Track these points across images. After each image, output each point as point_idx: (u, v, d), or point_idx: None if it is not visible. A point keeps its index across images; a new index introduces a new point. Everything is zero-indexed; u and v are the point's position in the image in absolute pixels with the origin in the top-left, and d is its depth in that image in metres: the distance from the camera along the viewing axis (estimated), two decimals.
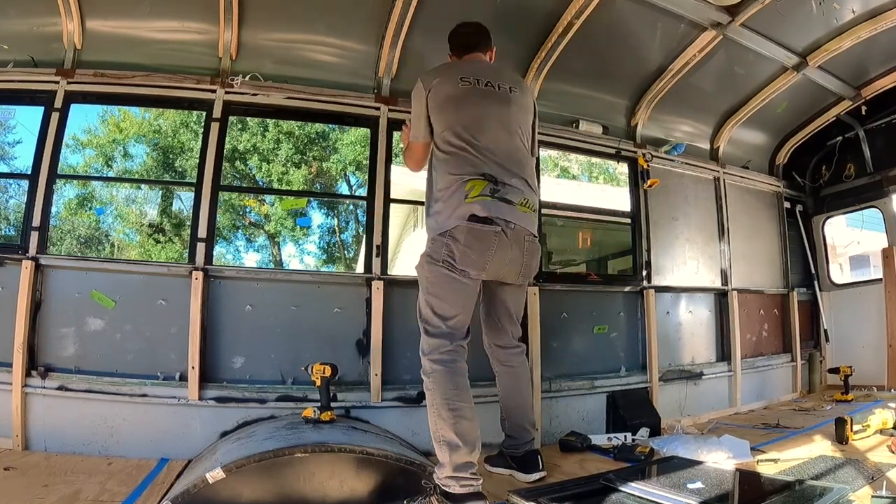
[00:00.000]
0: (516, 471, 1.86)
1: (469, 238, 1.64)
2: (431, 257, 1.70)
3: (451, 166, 1.71)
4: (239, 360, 2.19)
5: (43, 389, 1.99)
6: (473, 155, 1.70)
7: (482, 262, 1.67)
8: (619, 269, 4.50)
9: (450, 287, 1.67)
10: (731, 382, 3.13)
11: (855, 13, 2.63)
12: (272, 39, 2.39)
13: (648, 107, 3.02)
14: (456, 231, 1.65)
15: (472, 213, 1.64)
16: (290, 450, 1.54)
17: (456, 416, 1.54)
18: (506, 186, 1.69)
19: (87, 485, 1.66)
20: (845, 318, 3.67)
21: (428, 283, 1.70)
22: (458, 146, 1.72)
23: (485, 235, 1.65)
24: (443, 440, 1.54)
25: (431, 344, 1.66)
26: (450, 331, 1.66)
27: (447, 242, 1.66)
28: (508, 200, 1.69)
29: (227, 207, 9.38)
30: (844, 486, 1.50)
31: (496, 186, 1.68)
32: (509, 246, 1.70)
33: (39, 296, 2.06)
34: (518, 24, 2.51)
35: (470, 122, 1.73)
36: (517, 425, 1.91)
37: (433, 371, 1.62)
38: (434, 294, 1.69)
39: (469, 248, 1.64)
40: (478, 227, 1.64)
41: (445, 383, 1.59)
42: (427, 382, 1.63)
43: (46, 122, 2.14)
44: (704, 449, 1.99)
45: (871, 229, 3.95)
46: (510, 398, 1.93)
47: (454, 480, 1.50)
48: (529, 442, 1.89)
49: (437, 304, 1.68)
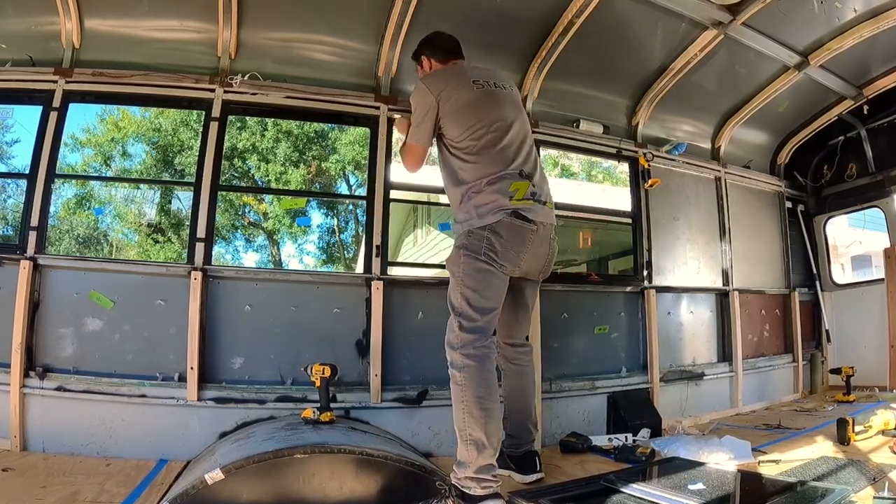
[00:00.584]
0: (514, 471, 1.86)
1: (511, 233, 1.68)
2: (469, 250, 1.69)
3: (484, 165, 1.74)
4: (238, 361, 2.18)
5: (41, 390, 1.99)
6: (504, 153, 1.76)
7: (518, 258, 1.71)
8: (619, 269, 4.50)
9: (488, 281, 1.67)
10: (732, 383, 3.12)
11: (857, 12, 2.62)
12: (271, 38, 2.39)
13: (649, 106, 3.01)
14: (498, 226, 1.67)
15: (517, 210, 1.69)
16: (289, 451, 1.53)
17: (487, 416, 1.54)
18: (537, 186, 1.77)
19: (86, 486, 1.66)
20: (847, 319, 3.66)
21: (464, 276, 1.68)
22: (487, 146, 1.75)
23: (524, 231, 1.70)
24: (470, 440, 1.53)
25: (465, 339, 1.62)
26: (485, 325, 1.66)
27: (488, 236, 1.67)
28: (542, 201, 1.77)
29: (227, 206, 9.37)
30: (846, 487, 1.50)
31: (534, 189, 1.75)
32: (540, 243, 1.76)
33: (37, 296, 2.06)
34: (518, 23, 2.50)
35: (494, 123, 1.78)
36: (520, 425, 1.90)
37: (465, 367, 1.59)
38: (471, 287, 1.67)
39: (510, 242, 1.68)
40: (519, 223, 1.69)
41: (478, 381, 1.57)
42: (458, 377, 1.60)
43: (45, 121, 2.13)
44: (706, 450, 1.99)
45: (873, 229, 3.94)
46: (515, 397, 1.93)
47: (475, 482, 1.49)
48: (530, 442, 1.89)
49: (475, 298, 1.65)
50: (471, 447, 1.53)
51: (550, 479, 1.85)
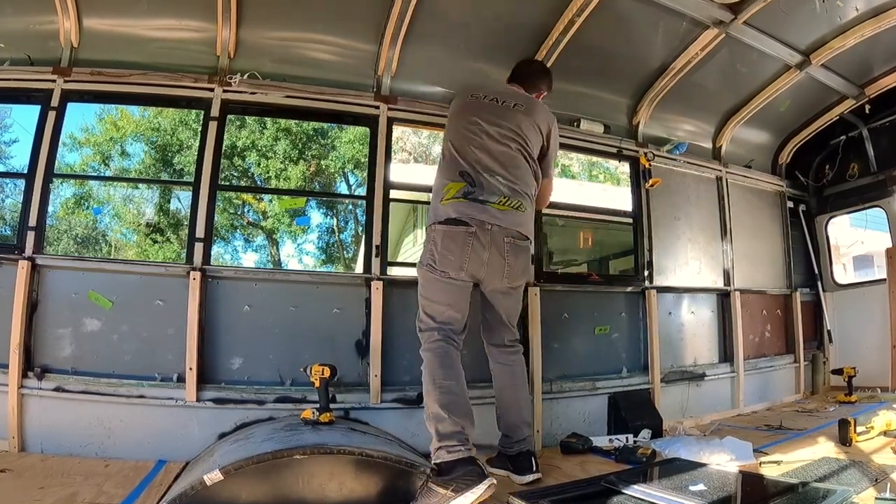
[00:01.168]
0: (512, 472, 1.86)
1: (445, 240, 1.75)
2: (420, 261, 1.84)
3: (440, 171, 1.88)
4: (237, 361, 2.18)
5: (39, 390, 1.98)
6: (459, 158, 1.83)
7: (459, 262, 1.75)
8: (620, 269, 4.48)
9: (436, 287, 1.79)
10: (733, 384, 3.11)
11: (858, 11, 2.61)
12: (271, 38, 2.38)
13: (650, 106, 3.00)
14: (434, 233, 1.78)
15: (447, 215, 1.76)
16: (288, 451, 1.53)
17: (441, 391, 1.63)
18: (481, 187, 1.78)
19: (84, 487, 1.65)
20: (849, 319, 3.65)
21: (420, 286, 1.85)
22: (451, 153, 1.86)
23: (457, 236, 1.74)
24: (431, 415, 1.61)
25: (422, 337, 1.79)
26: (438, 326, 1.76)
27: (430, 246, 1.79)
28: (481, 200, 1.77)
29: (226, 206, 9.35)
30: (848, 488, 1.50)
31: (471, 188, 1.77)
32: (485, 247, 1.75)
33: (36, 296, 2.05)
34: (518, 22, 2.49)
35: (464, 130, 1.88)
36: (511, 423, 1.91)
37: (424, 359, 1.73)
38: (423, 295, 1.82)
39: (446, 249, 1.74)
40: (451, 228, 1.74)
41: (433, 365, 1.70)
42: (423, 373, 1.72)
43: (43, 120, 2.13)
44: (707, 451, 1.98)
45: (875, 229, 3.93)
46: (505, 395, 1.94)
47: (443, 450, 1.53)
48: (523, 441, 1.88)
49: (426, 304, 1.81)
50: (431, 421, 1.61)
51: (551, 480, 1.85)
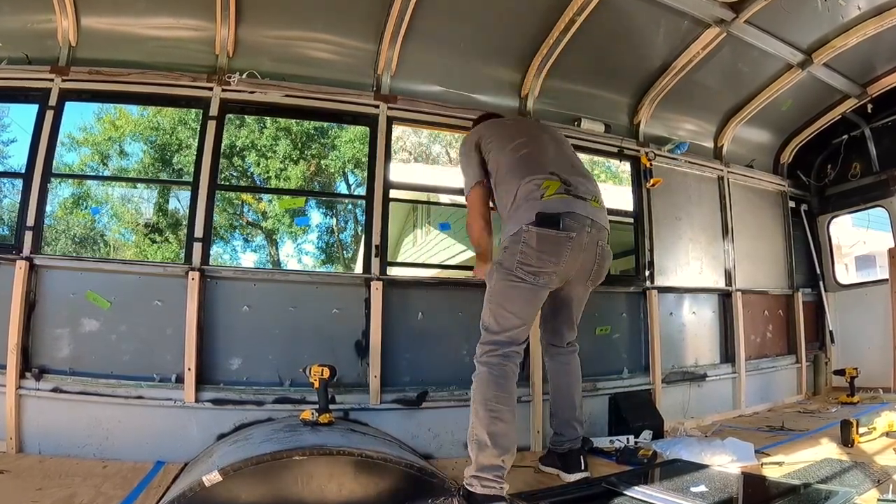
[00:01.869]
0: (560, 470, 1.88)
1: (541, 242, 1.65)
2: (502, 265, 1.70)
3: (515, 175, 1.76)
4: (236, 362, 2.17)
5: (37, 391, 1.97)
6: (535, 160, 1.78)
7: (555, 265, 1.67)
8: (621, 269, 4.47)
9: (519, 297, 1.68)
10: (735, 384, 3.09)
11: (861, 10, 2.61)
12: (270, 36, 2.37)
13: (651, 105, 2.99)
14: (528, 237, 1.65)
15: (545, 210, 1.65)
16: (287, 453, 1.52)
17: (492, 417, 1.57)
18: (575, 185, 1.74)
19: (82, 488, 1.64)
20: (851, 319, 3.63)
21: (495, 292, 1.71)
22: (517, 157, 1.80)
23: (557, 239, 1.66)
24: (474, 438, 1.58)
25: (483, 349, 1.69)
26: (505, 339, 1.68)
27: (521, 249, 1.66)
28: (582, 196, 1.72)
29: (225, 205, 9.34)
30: (850, 489, 1.49)
31: (568, 186, 1.71)
32: (582, 249, 1.70)
33: (34, 296, 2.04)
34: (519, 21, 2.49)
35: (524, 139, 1.86)
36: (564, 422, 1.93)
37: (479, 373, 1.66)
38: (500, 304, 1.70)
39: (541, 251, 1.65)
40: (549, 232, 1.64)
41: (488, 384, 1.62)
42: (473, 385, 1.66)
43: (41, 120, 2.12)
44: (708, 452, 1.97)
45: (878, 229, 3.92)
46: (560, 395, 1.95)
47: (477, 480, 1.53)
48: (574, 440, 1.90)
49: (501, 314, 1.69)
50: (473, 446, 1.58)
51: (551, 482, 1.85)
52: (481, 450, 1.54)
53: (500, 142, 1.87)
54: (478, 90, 2.67)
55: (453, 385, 2.28)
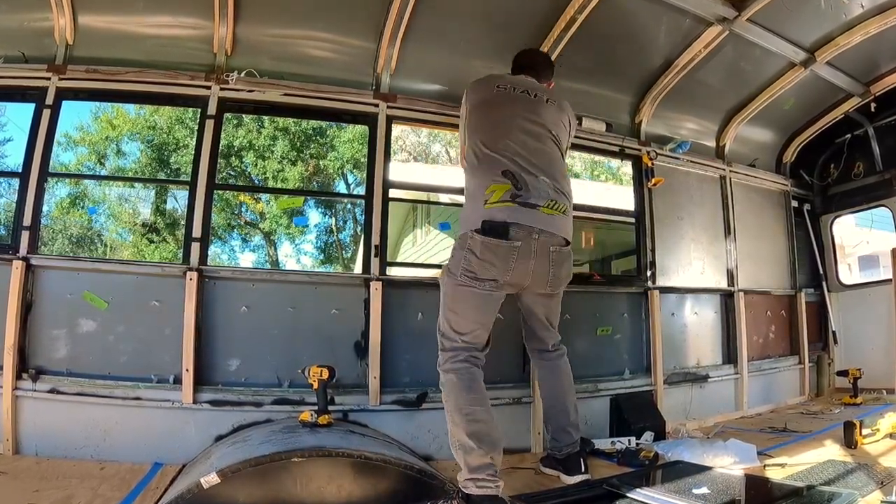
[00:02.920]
0: (562, 472, 1.87)
1: (484, 251, 1.63)
2: (451, 271, 1.70)
3: (476, 172, 1.73)
4: (234, 363, 2.15)
5: (34, 392, 1.96)
6: (497, 153, 1.71)
7: (501, 272, 1.65)
8: (622, 269, 4.46)
9: (469, 300, 1.67)
10: (737, 385, 3.08)
11: (864, 8, 2.59)
12: (268, 35, 2.35)
13: (653, 104, 2.97)
14: (471, 242, 1.65)
15: (490, 218, 1.63)
16: (286, 454, 1.51)
17: (468, 419, 1.57)
18: (528, 189, 1.67)
19: (80, 490, 1.64)
20: (854, 320, 3.61)
21: (446, 298, 1.72)
22: (484, 152, 1.73)
23: (501, 249, 1.63)
24: (458, 444, 1.58)
25: (444, 356, 1.69)
26: (463, 345, 1.67)
27: (465, 255, 1.66)
28: (531, 204, 1.66)
29: (223, 205, 9.32)
30: (853, 491, 1.48)
31: (517, 191, 1.65)
32: (531, 257, 1.67)
33: (30, 297, 2.03)
34: (519, 20, 2.47)
35: (497, 123, 1.77)
36: (559, 428, 1.91)
37: (447, 381, 1.65)
38: (452, 309, 1.70)
39: (485, 260, 1.63)
40: (493, 241, 1.62)
41: (457, 390, 1.62)
42: (443, 393, 1.66)
43: (37, 119, 2.10)
44: (710, 453, 1.96)
45: (881, 229, 3.90)
46: (551, 402, 1.94)
47: (471, 482, 1.53)
48: (571, 445, 1.89)
49: (454, 319, 1.69)
50: (458, 451, 1.58)
51: (551, 483, 1.84)
52: (468, 453, 1.54)
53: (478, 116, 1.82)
54: None
55: None
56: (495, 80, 1.89)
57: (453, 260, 1.70)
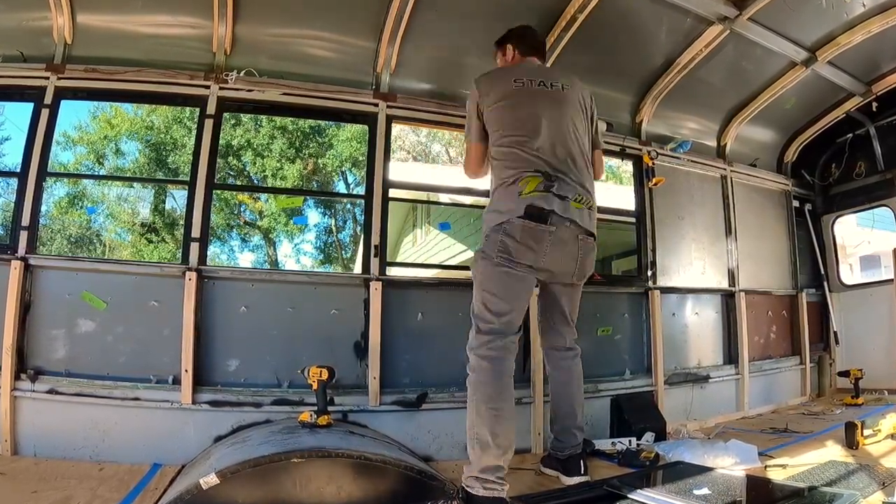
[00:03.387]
0: (561, 473, 1.86)
1: (524, 234, 1.65)
2: (485, 253, 1.71)
3: (506, 164, 1.75)
4: (234, 363, 2.15)
5: (32, 393, 1.95)
6: (526, 153, 1.73)
7: (536, 257, 1.68)
8: (623, 269, 4.44)
9: (504, 282, 1.68)
10: (738, 386, 3.07)
11: (865, 7, 2.59)
12: (268, 34, 2.35)
13: (654, 103, 2.97)
14: (510, 227, 1.66)
15: (528, 204, 1.65)
16: (286, 455, 1.51)
17: (494, 415, 1.54)
18: (559, 182, 1.71)
19: (78, 491, 1.63)
20: (855, 320, 3.60)
21: (482, 279, 1.71)
22: (511, 144, 1.75)
23: (539, 233, 1.66)
24: (476, 438, 1.54)
25: (480, 340, 1.64)
26: (501, 327, 1.66)
27: (501, 238, 1.67)
28: (562, 196, 1.69)
29: (222, 205, 9.30)
30: (855, 492, 1.48)
31: (549, 182, 1.69)
32: (563, 243, 1.71)
33: (29, 297, 2.02)
34: (520, 18, 2.45)
35: (522, 122, 1.77)
36: (565, 429, 1.90)
37: (479, 367, 1.61)
38: (488, 290, 1.69)
39: (523, 243, 1.65)
40: (532, 224, 1.65)
41: (489, 381, 1.59)
42: (471, 377, 1.62)
43: (36, 118, 2.10)
44: (711, 454, 1.95)
45: (882, 229, 3.89)
46: (560, 402, 1.93)
47: (478, 482, 1.50)
48: (574, 446, 1.88)
49: (491, 300, 1.67)
50: (475, 446, 1.54)
51: (551, 484, 1.83)
52: (483, 450, 1.51)
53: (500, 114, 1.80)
54: None
55: (453, 386, 2.25)
56: (510, 74, 1.85)
57: (488, 243, 1.71)
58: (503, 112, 1.79)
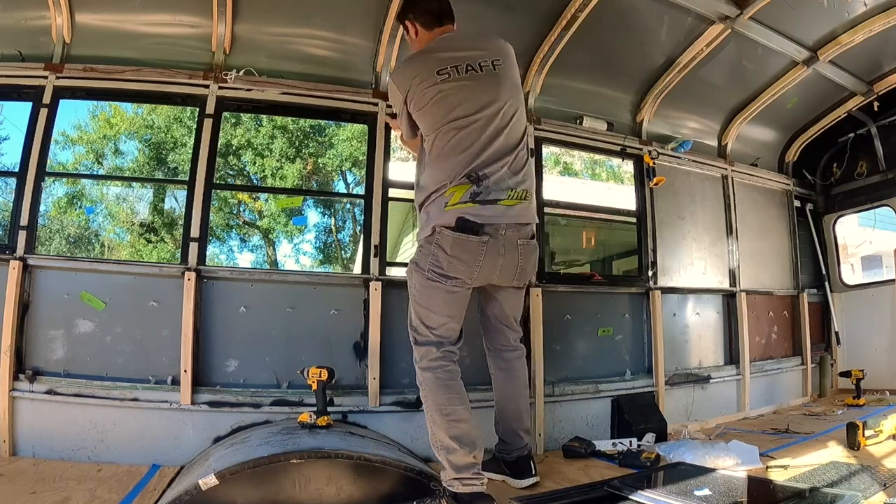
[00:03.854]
0: (509, 476, 1.82)
1: (455, 247, 1.59)
2: (418, 265, 1.67)
3: (435, 169, 1.65)
4: (233, 364, 2.14)
5: (31, 393, 1.94)
6: (454, 156, 1.62)
7: (470, 269, 1.62)
8: (624, 269, 4.43)
9: (437, 296, 1.65)
10: (739, 386, 3.06)
11: (867, 6, 2.58)
12: (267, 33, 2.34)
13: (654, 102, 2.96)
14: (441, 239, 1.60)
15: (458, 217, 1.57)
16: (285, 456, 1.51)
17: (449, 420, 1.56)
18: (488, 181, 1.59)
19: (77, 492, 1.62)
20: (857, 320, 3.60)
21: (416, 292, 1.69)
22: (441, 147, 1.64)
23: (471, 245, 1.59)
24: (439, 445, 1.57)
25: (420, 352, 1.67)
26: (437, 339, 1.65)
27: (433, 251, 1.62)
28: (491, 200, 1.59)
29: (221, 205, 9.28)
30: (857, 493, 1.47)
31: (477, 188, 1.58)
32: (500, 253, 1.63)
33: (27, 297, 2.01)
34: (520, 17, 2.45)
35: (451, 119, 1.62)
36: (510, 431, 1.86)
37: (424, 379, 1.63)
38: (421, 303, 1.68)
39: (455, 256, 1.59)
40: (463, 237, 1.58)
41: (436, 389, 1.60)
42: (421, 391, 1.64)
43: (34, 118, 2.09)
44: (712, 455, 1.94)
45: (884, 228, 3.88)
46: (505, 403, 1.88)
47: (457, 481, 1.53)
48: (521, 448, 1.84)
49: (424, 314, 1.67)
50: (441, 452, 1.56)
51: (553, 485, 1.82)
52: (451, 453, 1.54)
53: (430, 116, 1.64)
54: None
55: None
56: (430, 64, 1.63)
57: (421, 254, 1.66)
58: (433, 111, 1.63)
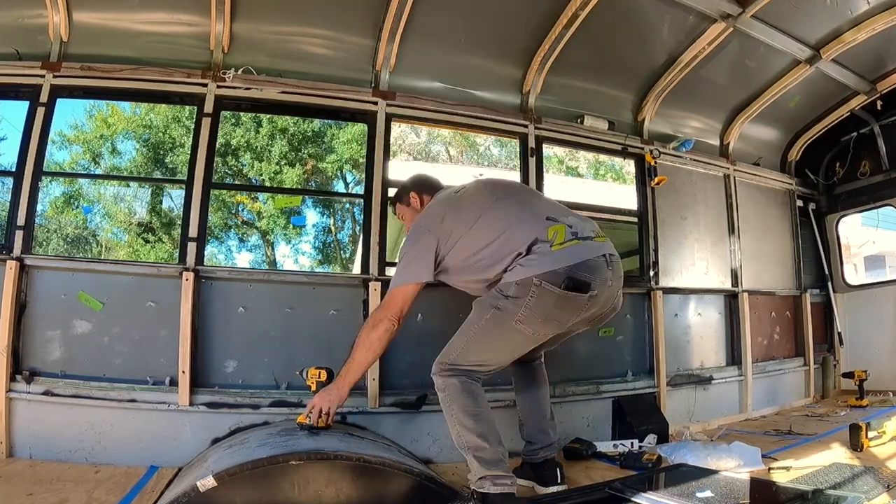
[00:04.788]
0: (535, 482, 1.82)
1: (559, 303, 1.51)
2: (501, 310, 1.54)
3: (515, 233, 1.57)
4: (231, 364, 2.13)
5: (28, 394, 1.93)
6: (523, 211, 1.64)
7: (564, 323, 1.59)
8: (624, 269, 4.43)
9: (515, 339, 1.59)
10: (741, 387, 3.05)
11: (870, 4, 2.57)
12: (266, 32, 2.33)
13: (656, 102, 2.94)
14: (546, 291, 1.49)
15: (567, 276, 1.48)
16: (284, 457, 1.49)
17: (476, 419, 1.56)
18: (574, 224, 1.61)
19: (74, 493, 1.61)
20: (860, 321, 3.58)
21: (487, 334, 1.59)
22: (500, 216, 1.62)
23: (579, 302, 1.53)
24: (467, 446, 1.55)
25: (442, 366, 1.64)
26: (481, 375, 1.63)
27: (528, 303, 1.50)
28: (587, 237, 1.59)
29: (220, 205, 9.27)
30: (860, 494, 1.46)
31: (572, 229, 1.57)
32: (600, 305, 1.61)
33: (24, 297, 2.00)
34: (521, 16, 2.44)
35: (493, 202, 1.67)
36: (536, 428, 1.87)
37: (447, 385, 1.61)
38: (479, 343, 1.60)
39: (558, 310, 1.52)
40: (571, 295, 1.50)
41: (460, 394, 1.59)
42: (442, 397, 1.62)
43: (31, 117, 2.08)
44: (714, 456, 1.93)
45: (887, 228, 3.87)
46: (527, 404, 1.90)
47: (488, 481, 1.51)
48: (548, 447, 1.84)
49: (486, 356, 1.61)
50: (469, 452, 1.56)
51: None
52: (479, 450, 1.53)
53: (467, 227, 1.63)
54: (479, 87, 2.63)
55: None
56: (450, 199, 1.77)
57: (509, 302, 1.52)
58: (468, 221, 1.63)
